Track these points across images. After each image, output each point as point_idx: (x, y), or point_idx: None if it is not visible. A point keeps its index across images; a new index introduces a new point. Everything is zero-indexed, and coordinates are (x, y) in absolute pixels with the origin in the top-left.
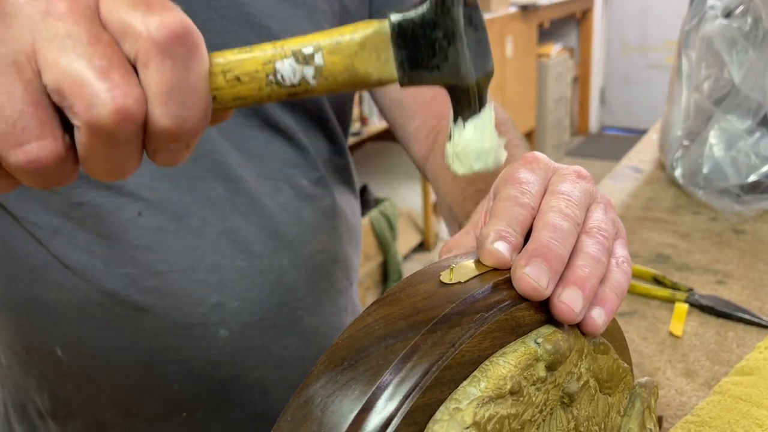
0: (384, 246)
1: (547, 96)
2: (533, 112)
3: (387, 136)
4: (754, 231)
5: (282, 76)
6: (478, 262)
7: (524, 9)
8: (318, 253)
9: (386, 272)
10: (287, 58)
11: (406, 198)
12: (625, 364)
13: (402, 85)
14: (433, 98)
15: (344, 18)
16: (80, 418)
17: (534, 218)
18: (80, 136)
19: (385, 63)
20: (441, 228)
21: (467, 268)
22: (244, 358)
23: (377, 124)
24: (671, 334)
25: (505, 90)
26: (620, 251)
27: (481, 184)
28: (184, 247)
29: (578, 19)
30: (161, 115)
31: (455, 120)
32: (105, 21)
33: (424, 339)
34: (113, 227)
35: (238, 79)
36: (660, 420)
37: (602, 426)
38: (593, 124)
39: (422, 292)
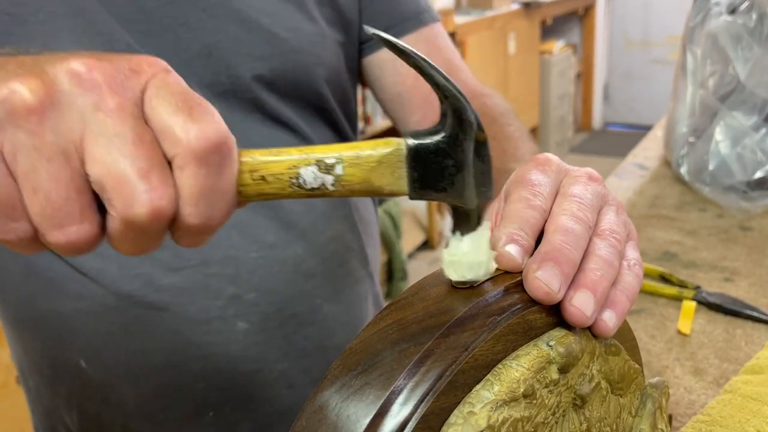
0: (388, 245)
1: (550, 93)
2: (536, 109)
3: (390, 134)
4: (761, 228)
5: (304, 181)
6: None
7: (526, 6)
8: (332, 241)
9: (391, 270)
10: (311, 166)
11: None
12: (636, 365)
13: (411, 198)
14: (431, 92)
15: (332, 8)
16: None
17: (545, 221)
18: (114, 225)
19: (397, 179)
20: (445, 226)
21: None
22: (265, 351)
23: (381, 123)
24: (679, 332)
25: (508, 87)
26: (632, 253)
27: None
28: None
29: (580, 16)
30: (190, 214)
31: (454, 232)
32: (148, 118)
33: (437, 343)
34: None
35: (263, 178)
36: (669, 418)
37: (614, 427)
38: (596, 120)
39: (434, 295)
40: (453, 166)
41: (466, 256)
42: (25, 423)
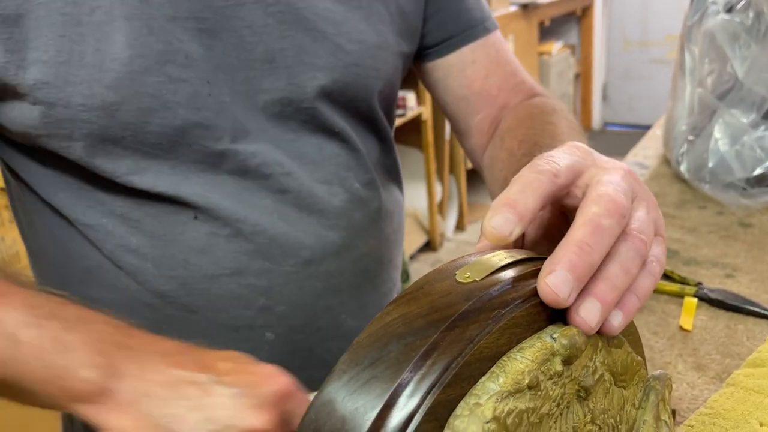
0: None
1: (549, 93)
2: None
3: (407, 129)
4: (761, 224)
5: None
6: (493, 258)
7: (524, 7)
8: (364, 257)
9: None
10: None
11: (411, 198)
12: (639, 357)
13: None
14: (499, 92)
15: (401, 19)
16: None
17: (557, 186)
18: None
19: None
20: (446, 228)
21: (483, 265)
22: (288, 360)
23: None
24: (681, 328)
25: None
26: (655, 249)
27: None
28: (235, 251)
29: (578, 16)
30: None
31: None
32: None
33: (442, 336)
34: (169, 228)
35: None
36: (673, 414)
37: (618, 418)
38: (596, 120)
39: (439, 290)
40: None
41: None
42: (29, 426)
